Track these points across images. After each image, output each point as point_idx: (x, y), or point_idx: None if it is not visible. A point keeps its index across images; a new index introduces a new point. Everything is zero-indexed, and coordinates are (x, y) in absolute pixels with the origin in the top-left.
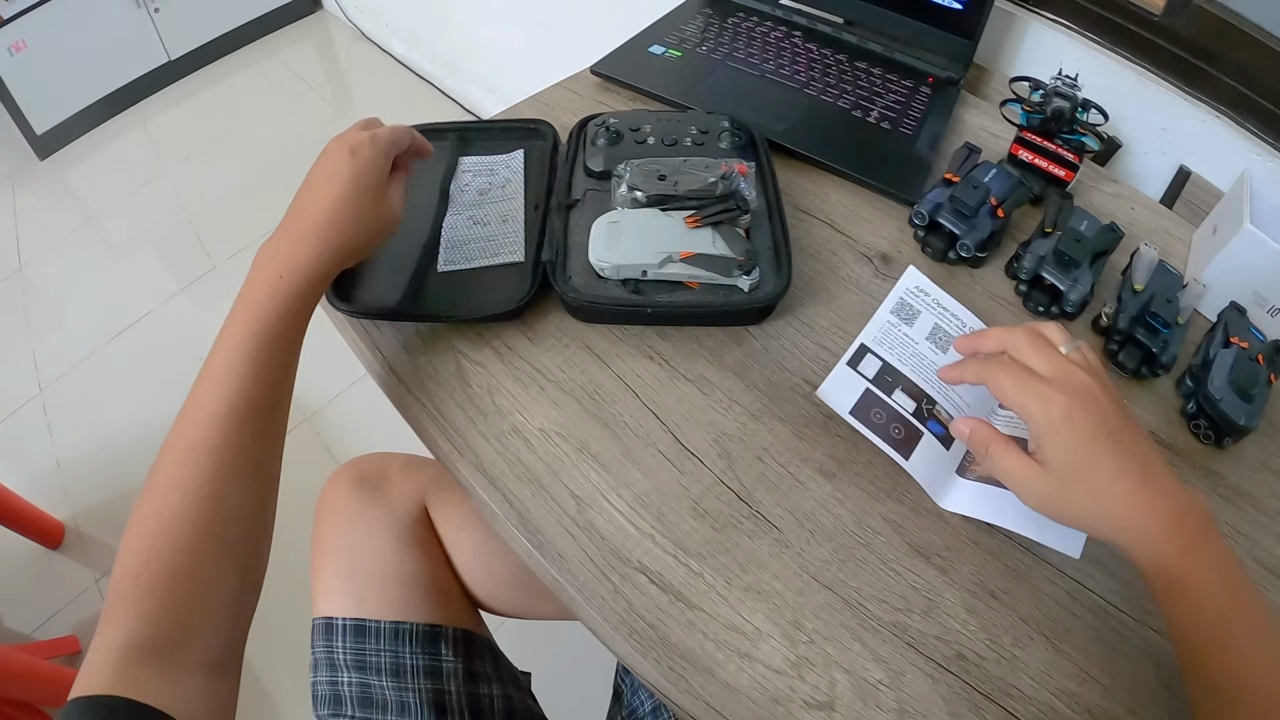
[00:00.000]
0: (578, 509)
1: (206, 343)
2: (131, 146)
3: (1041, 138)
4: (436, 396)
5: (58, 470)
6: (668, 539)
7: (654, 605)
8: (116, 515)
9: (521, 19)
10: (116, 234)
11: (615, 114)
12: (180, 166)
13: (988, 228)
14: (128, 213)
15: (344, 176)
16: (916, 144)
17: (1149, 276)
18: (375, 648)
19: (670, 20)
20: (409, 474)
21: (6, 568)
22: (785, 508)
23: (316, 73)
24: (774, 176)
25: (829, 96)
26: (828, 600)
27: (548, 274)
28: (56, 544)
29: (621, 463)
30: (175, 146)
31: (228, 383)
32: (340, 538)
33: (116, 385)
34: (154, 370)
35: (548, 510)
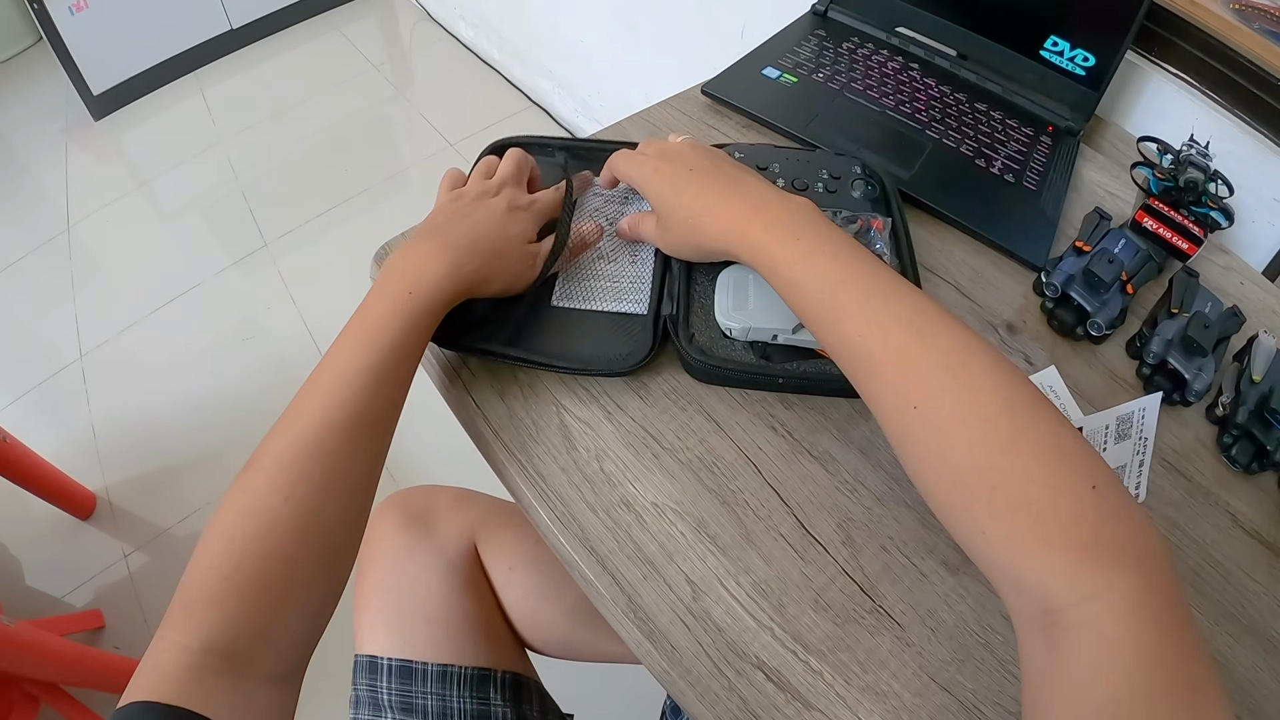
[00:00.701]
0: (693, 596)
1: (253, 320)
2: (188, 113)
3: (1169, 208)
4: (538, 458)
5: (93, 439)
6: (787, 633)
7: (770, 704)
8: (150, 489)
9: (603, 14)
10: (168, 200)
11: (740, 147)
12: (236, 137)
13: (1118, 304)
14: (180, 180)
15: (495, 212)
16: (1041, 201)
17: (1268, 367)
18: (422, 689)
19: (782, 41)
20: (458, 510)
21: (36, 536)
22: (908, 603)
23: (379, 51)
24: (909, 236)
25: (951, 140)
26: (944, 702)
27: (669, 329)
28: (87, 515)
29: (741, 546)
30: (232, 116)
31: (347, 390)
32: (386, 575)
33: (158, 357)
34: (198, 345)
35: (660, 596)
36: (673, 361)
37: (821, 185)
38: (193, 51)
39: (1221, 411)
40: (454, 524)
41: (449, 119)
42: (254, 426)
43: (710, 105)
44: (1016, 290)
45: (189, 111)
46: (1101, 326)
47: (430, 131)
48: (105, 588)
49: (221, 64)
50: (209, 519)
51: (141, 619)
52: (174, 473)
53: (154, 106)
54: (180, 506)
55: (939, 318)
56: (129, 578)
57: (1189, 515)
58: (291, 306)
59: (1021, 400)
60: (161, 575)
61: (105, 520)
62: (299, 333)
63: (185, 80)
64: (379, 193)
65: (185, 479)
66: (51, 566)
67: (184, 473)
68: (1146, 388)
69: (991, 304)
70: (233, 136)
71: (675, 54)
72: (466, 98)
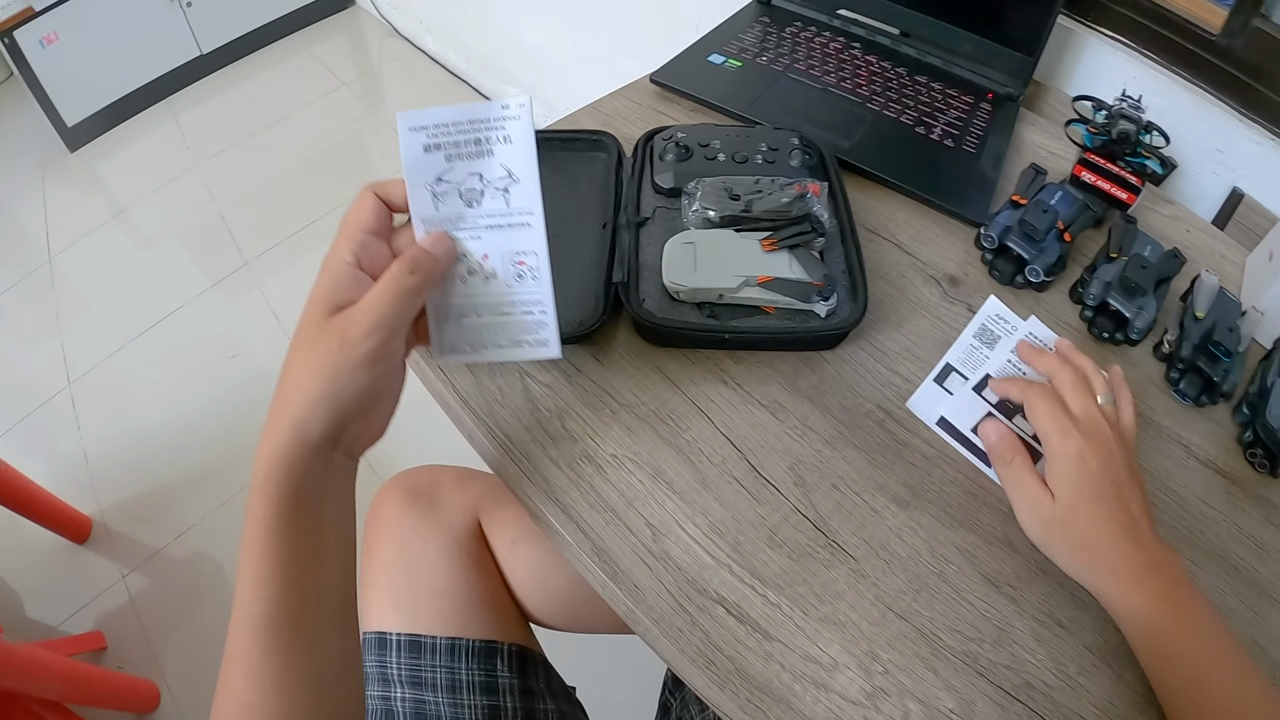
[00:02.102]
0: (653, 538)
1: (236, 339)
2: (163, 140)
3: (1105, 159)
4: (504, 421)
5: (85, 464)
6: (745, 569)
7: (731, 637)
8: (144, 510)
9: (562, 18)
10: (147, 227)
11: (683, 128)
12: (211, 161)
13: (1055, 252)
14: (158, 206)
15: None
16: (980, 163)
17: (1210, 304)
18: (431, 663)
19: (728, 29)
20: (461, 488)
21: (33, 562)
22: (861, 537)
23: (349, 69)
24: (846, 197)
25: (891, 112)
26: (902, 630)
27: (620, 295)
28: (84, 539)
29: (697, 490)
30: (206, 141)
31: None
32: (392, 553)
33: (145, 380)
34: (183, 366)
35: (623, 540)
36: (627, 327)
37: (760, 157)
38: (164, 78)
39: (1167, 349)
40: (457, 501)
41: None
42: (243, 442)
43: (659, 93)
44: (958, 246)
45: (163, 138)
46: (1040, 273)
47: None
48: (105, 610)
49: (193, 89)
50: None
51: (143, 639)
52: (167, 492)
53: (128, 135)
54: (175, 525)
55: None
56: (128, 599)
57: (1142, 448)
58: (275, 322)
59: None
60: (160, 595)
61: (102, 543)
62: (283, 347)
63: (158, 107)
64: None
65: (178, 498)
66: (51, 593)
67: (177, 491)
68: (1090, 329)
69: (934, 259)
70: (208, 160)
71: (634, 52)
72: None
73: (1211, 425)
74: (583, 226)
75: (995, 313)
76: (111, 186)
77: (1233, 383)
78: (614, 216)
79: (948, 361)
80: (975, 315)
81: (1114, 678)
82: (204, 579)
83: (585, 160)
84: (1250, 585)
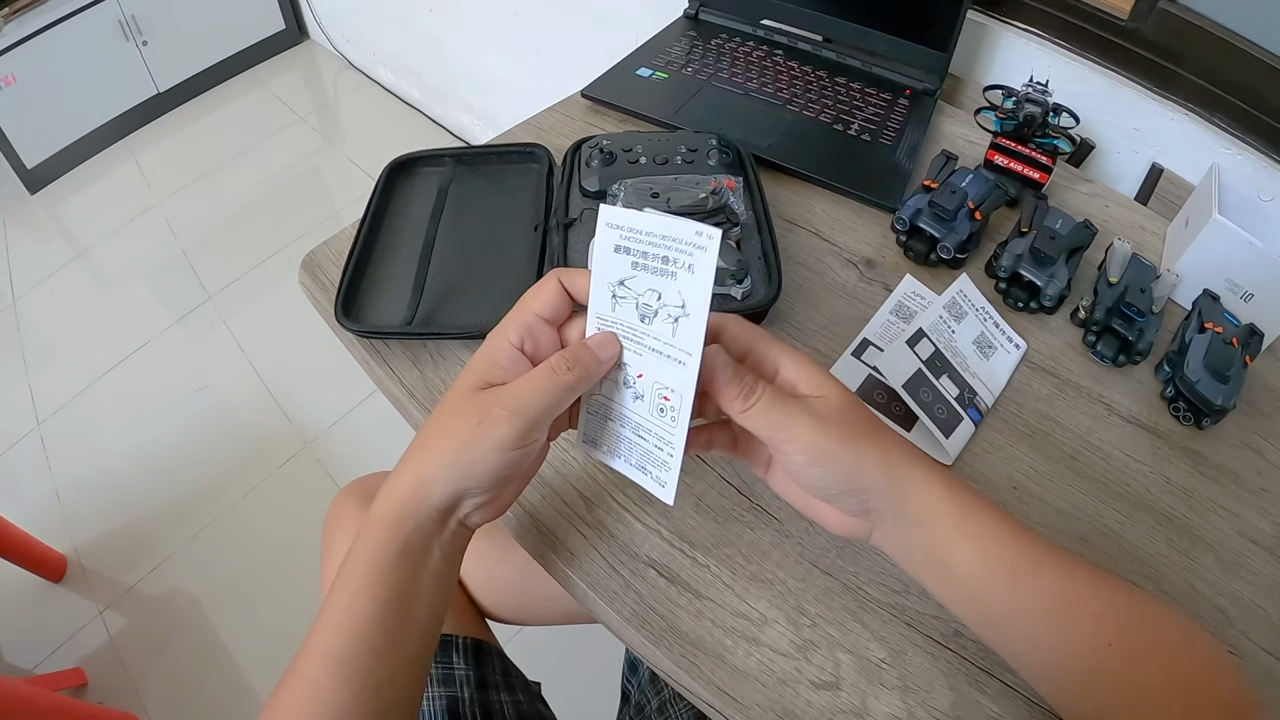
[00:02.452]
0: (587, 509)
1: (202, 373)
2: (123, 179)
3: (1015, 143)
4: None
5: (58, 503)
6: (674, 533)
7: (664, 597)
8: (118, 547)
9: (510, 45)
10: (109, 267)
11: (608, 136)
12: (172, 198)
13: (966, 230)
14: (120, 245)
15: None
16: (896, 154)
17: (1123, 269)
18: None
19: (656, 43)
20: None
21: (9, 602)
22: (784, 500)
23: (305, 102)
24: (761, 190)
25: (810, 112)
26: (828, 585)
27: None
28: (59, 577)
29: None
30: (166, 178)
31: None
32: None
33: (114, 417)
34: (151, 402)
35: (558, 512)
36: None
37: (680, 158)
38: (123, 117)
39: (1083, 314)
40: None
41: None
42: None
43: (591, 106)
44: (875, 231)
45: (123, 177)
46: (950, 250)
47: (360, 175)
48: (84, 646)
49: (152, 127)
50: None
51: (123, 673)
52: (140, 527)
53: (88, 175)
54: (149, 559)
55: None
56: (107, 634)
57: (1061, 408)
58: (239, 353)
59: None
60: (138, 630)
61: (77, 581)
62: (248, 378)
63: (117, 146)
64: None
65: (151, 532)
66: (29, 631)
67: (149, 526)
68: (1005, 300)
69: (851, 244)
70: (168, 198)
71: (579, 73)
72: (392, 139)
73: (1133, 384)
74: (516, 230)
75: (911, 290)
76: (73, 227)
77: (1148, 342)
78: (545, 220)
79: (865, 336)
80: (892, 293)
81: None
82: (180, 611)
83: (520, 171)
84: (1183, 532)
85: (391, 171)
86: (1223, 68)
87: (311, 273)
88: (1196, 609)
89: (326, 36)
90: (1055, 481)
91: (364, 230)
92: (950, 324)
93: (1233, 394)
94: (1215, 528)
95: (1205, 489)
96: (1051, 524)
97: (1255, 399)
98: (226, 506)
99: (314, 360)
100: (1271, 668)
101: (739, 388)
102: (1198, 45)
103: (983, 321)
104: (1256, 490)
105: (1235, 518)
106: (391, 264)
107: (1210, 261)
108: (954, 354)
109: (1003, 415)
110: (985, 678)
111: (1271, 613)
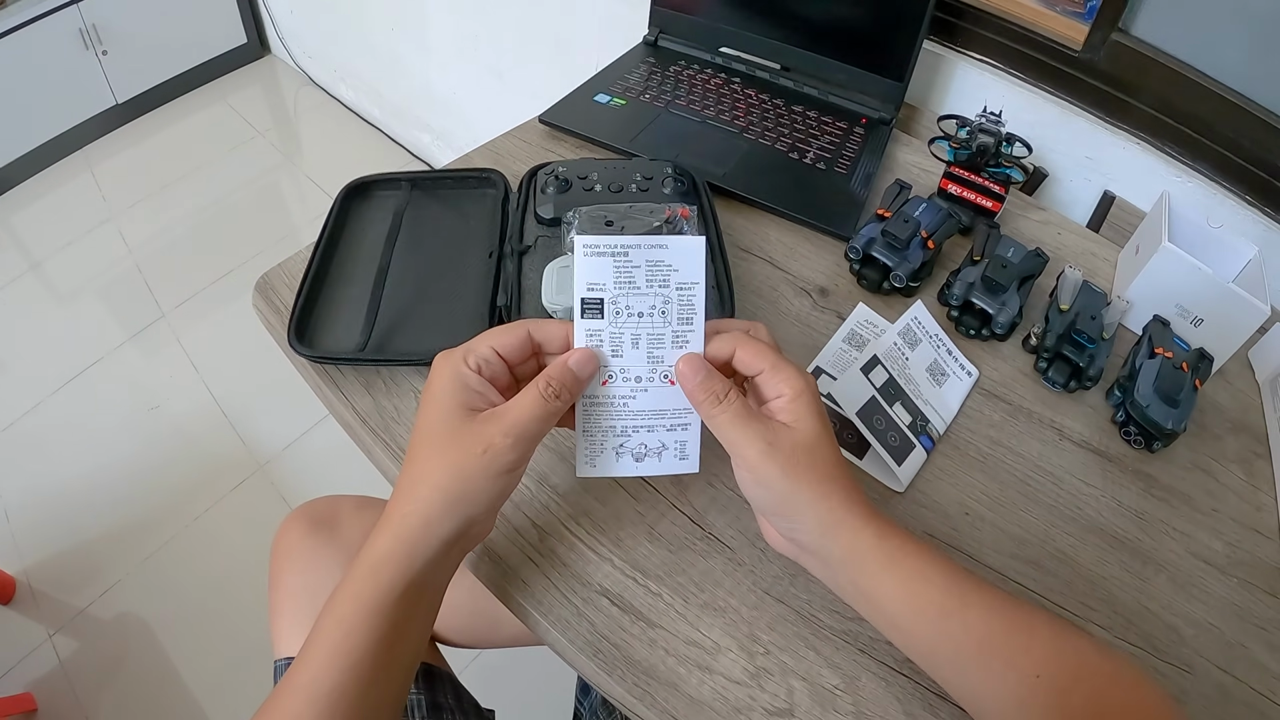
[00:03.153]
0: (539, 538)
1: (155, 392)
2: (78, 191)
3: (969, 172)
4: (401, 438)
5: (7, 523)
6: (626, 562)
7: (616, 625)
8: (69, 568)
9: (471, 66)
10: (62, 281)
11: (564, 163)
12: (127, 212)
13: (919, 258)
14: (74, 259)
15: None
16: (850, 182)
17: (1074, 297)
18: None
19: (615, 69)
20: (360, 514)
21: None
22: (736, 529)
23: (264, 118)
24: (715, 218)
25: (766, 140)
26: (781, 613)
27: (503, 317)
28: (8, 599)
29: (579, 492)
30: (122, 192)
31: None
32: (297, 580)
33: (65, 436)
34: (103, 420)
35: (511, 541)
36: None
37: (635, 186)
38: (80, 128)
39: (1035, 341)
40: (357, 526)
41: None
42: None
43: (548, 132)
44: (829, 260)
45: (79, 189)
46: (903, 278)
47: (319, 193)
48: (34, 671)
49: (109, 139)
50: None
51: (73, 698)
52: (91, 548)
53: (43, 186)
54: (100, 582)
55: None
56: (57, 659)
57: (1013, 434)
58: (193, 373)
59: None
60: (88, 654)
61: (26, 604)
62: (202, 398)
63: (73, 158)
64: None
65: (102, 554)
66: None
67: (100, 547)
68: (957, 328)
69: (805, 273)
70: (124, 211)
71: (540, 96)
72: (352, 157)
73: (1085, 409)
74: (471, 256)
75: (864, 318)
76: (26, 239)
77: (1099, 368)
78: (499, 246)
79: (818, 364)
80: (844, 321)
81: None
82: (131, 635)
83: (476, 196)
84: (1135, 554)
85: (348, 194)
86: (1174, 98)
87: (265, 296)
88: (1150, 629)
89: (288, 52)
90: (1008, 507)
91: (318, 253)
92: (905, 350)
93: (1183, 418)
94: (1167, 549)
95: (1157, 511)
96: (1004, 549)
97: (1205, 422)
98: (179, 529)
99: (268, 381)
100: (1226, 685)
101: (707, 394)
102: (1149, 76)
103: (936, 349)
104: (1208, 511)
105: (1187, 539)
106: (346, 288)
107: (1160, 287)
108: (907, 381)
109: (955, 442)
110: (939, 702)
111: (1225, 631)
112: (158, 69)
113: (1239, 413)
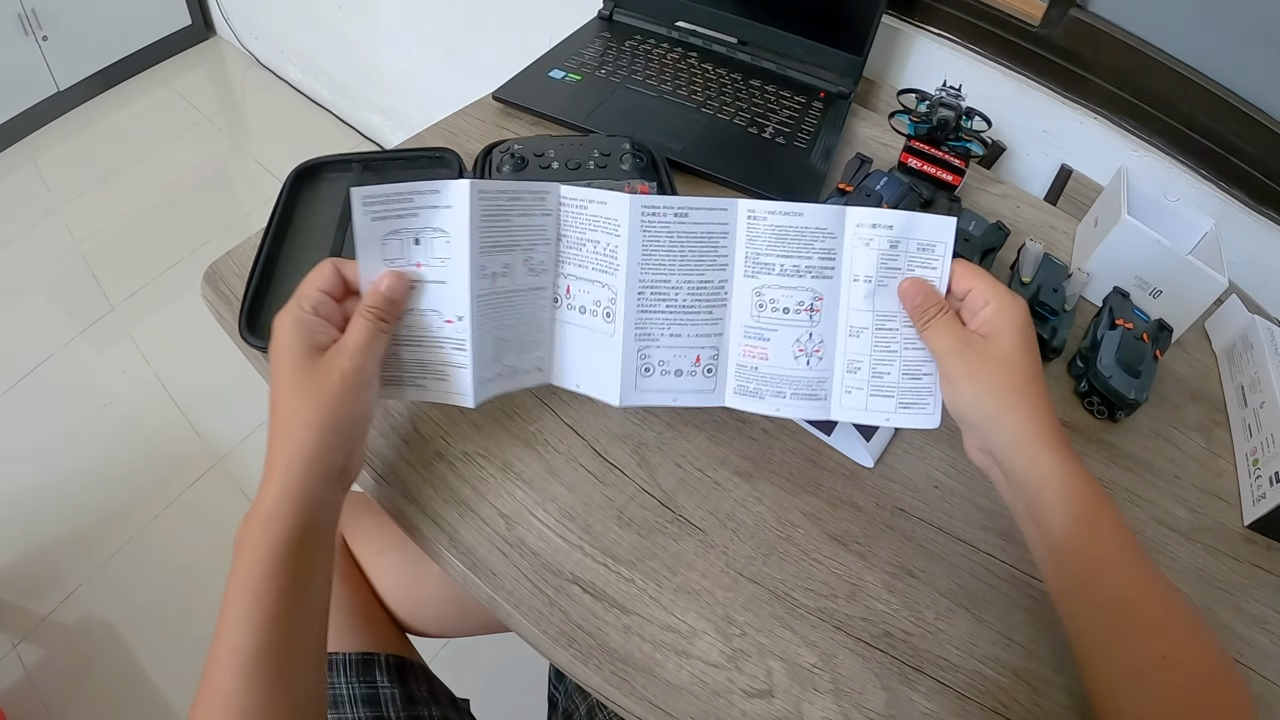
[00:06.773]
0: (507, 527)
1: (107, 387)
2: (21, 183)
3: (929, 145)
4: None
5: None
6: (597, 549)
7: (590, 614)
8: (28, 574)
9: (422, 44)
10: (7, 276)
11: (519, 140)
12: (73, 203)
13: None
14: (19, 254)
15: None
16: (811, 156)
17: (1035, 269)
18: None
19: (570, 44)
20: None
21: None
22: (707, 510)
23: (211, 102)
24: (674, 194)
25: (725, 115)
26: (755, 593)
27: None
28: None
29: (545, 479)
30: (67, 182)
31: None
32: None
33: (16, 438)
34: (55, 420)
35: (477, 531)
36: None
37: (593, 163)
38: (21, 117)
39: None
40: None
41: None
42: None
43: (503, 109)
44: None
45: (22, 181)
46: None
47: (268, 178)
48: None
49: (51, 128)
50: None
51: (42, 706)
52: (50, 553)
53: None
54: (61, 587)
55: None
56: (23, 669)
57: None
58: (146, 367)
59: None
60: (55, 661)
61: None
62: (156, 392)
63: (16, 148)
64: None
65: (63, 557)
66: None
67: (60, 551)
68: None
69: None
70: (69, 203)
71: (492, 73)
72: (301, 140)
73: (1048, 381)
74: None
75: None
76: None
77: (1061, 339)
78: None
79: None
80: None
81: (972, 620)
82: (96, 638)
83: (429, 176)
84: None
85: (297, 178)
86: (1131, 73)
87: (214, 285)
88: None
89: (234, 33)
90: (976, 480)
91: (268, 240)
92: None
93: (1144, 387)
94: (1133, 516)
95: (1122, 479)
96: (974, 520)
97: (1166, 391)
98: (139, 528)
99: (223, 372)
100: None
101: (916, 306)
102: (1107, 51)
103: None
104: (1171, 479)
105: (1152, 505)
106: (297, 275)
107: (1120, 260)
108: None
109: None
110: (917, 675)
111: (1192, 595)
112: (100, 54)
113: (1197, 381)
